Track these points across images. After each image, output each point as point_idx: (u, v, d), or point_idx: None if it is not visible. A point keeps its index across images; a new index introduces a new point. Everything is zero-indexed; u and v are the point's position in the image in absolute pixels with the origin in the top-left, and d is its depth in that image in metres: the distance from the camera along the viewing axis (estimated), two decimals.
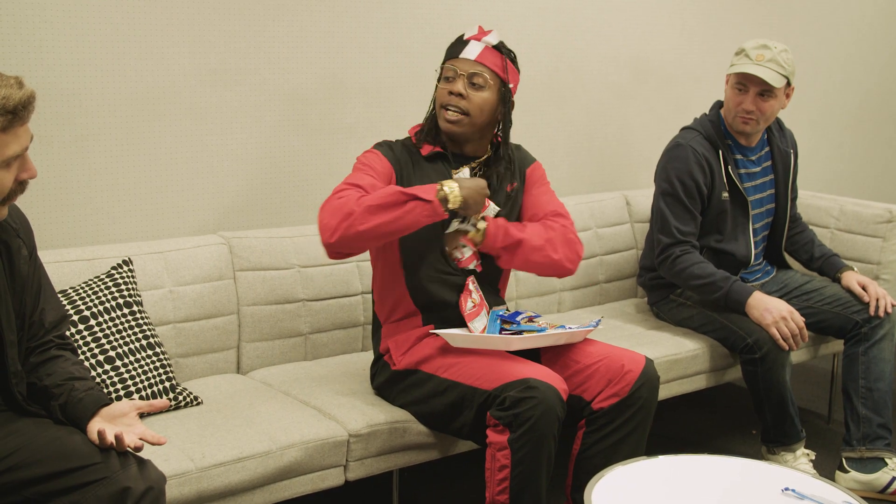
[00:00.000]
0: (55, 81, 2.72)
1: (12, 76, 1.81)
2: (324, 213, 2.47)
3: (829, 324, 3.32)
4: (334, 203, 2.45)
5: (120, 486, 1.88)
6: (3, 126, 1.77)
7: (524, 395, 2.35)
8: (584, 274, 3.67)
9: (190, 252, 2.85)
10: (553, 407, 2.35)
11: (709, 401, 3.88)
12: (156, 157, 2.94)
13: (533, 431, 2.34)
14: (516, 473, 2.37)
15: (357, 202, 2.42)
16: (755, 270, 3.42)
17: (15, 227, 2.01)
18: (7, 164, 1.81)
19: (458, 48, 2.63)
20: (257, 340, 2.94)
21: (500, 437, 2.38)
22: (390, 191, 2.44)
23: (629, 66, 4.05)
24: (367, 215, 2.40)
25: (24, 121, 1.82)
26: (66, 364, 2.06)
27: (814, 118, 4.81)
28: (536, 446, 2.36)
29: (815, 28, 4.74)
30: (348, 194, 2.46)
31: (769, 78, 3.15)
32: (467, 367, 2.50)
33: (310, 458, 2.46)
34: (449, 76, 2.62)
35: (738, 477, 2.22)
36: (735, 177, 3.28)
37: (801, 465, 3.13)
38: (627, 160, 4.13)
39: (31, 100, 1.81)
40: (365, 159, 2.64)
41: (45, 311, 2.09)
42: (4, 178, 1.82)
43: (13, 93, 1.78)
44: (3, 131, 1.78)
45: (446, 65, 2.64)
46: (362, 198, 2.43)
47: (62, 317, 2.14)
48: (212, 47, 2.98)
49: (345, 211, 2.41)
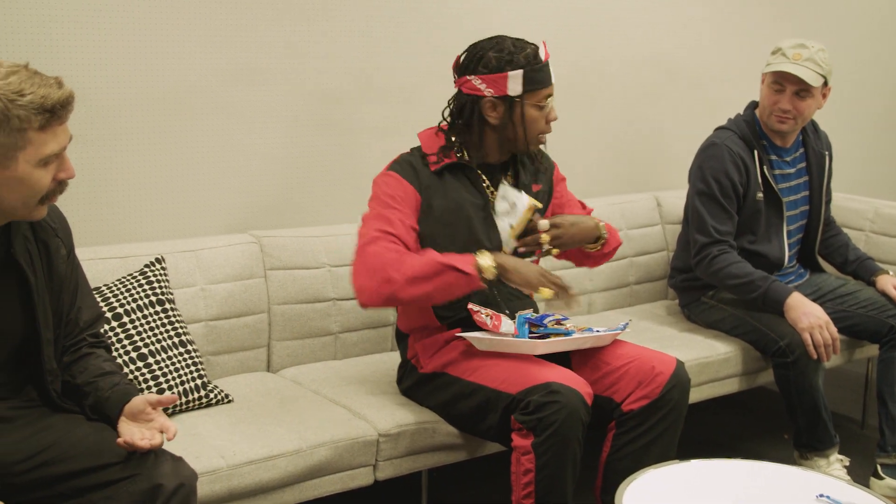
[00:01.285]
0: (88, 80, 2.74)
1: (52, 76, 1.82)
2: (359, 273, 2.42)
3: (863, 328, 3.28)
4: (370, 262, 2.40)
5: (152, 483, 1.89)
6: (41, 124, 1.77)
7: (547, 400, 2.33)
8: (615, 275, 3.65)
9: (221, 251, 2.87)
10: (577, 411, 2.34)
11: (740, 404, 3.84)
12: (188, 155, 2.96)
13: (557, 436, 2.33)
14: (541, 478, 2.36)
15: (397, 268, 2.36)
16: (788, 273, 3.39)
17: (54, 227, 2.03)
18: (45, 162, 1.81)
19: (547, 73, 2.53)
20: (287, 339, 2.94)
21: (525, 440, 2.37)
22: (429, 261, 2.38)
23: (660, 65, 4.03)
24: (409, 286, 2.37)
25: (63, 120, 1.82)
26: (98, 361, 2.08)
27: (849, 119, 4.76)
28: (561, 450, 2.34)
29: (850, 28, 4.69)
30: (383, 251, 2.40)
31: (806, 77, 3.12)
32: (492, 370, 2.49)
33: (339, 457, 2.46)
34: (543, 105, 2.54)
35: (771, 482, 2.19)
36: (770, 178, 3.25)
37: (834, 470, 3.10)
38: (658, 161, 4.10)
39: (69, 100, 1.81)
40: (388, 189, 2.53)
41: (81, 310, 2.10)
42: (42, 178, 1.82)
43: (52, 92, 1.78)
44: (42, 130, 1.78)
45: (544, 91, 2.52)
46: (401, 262, 2.37)
47: (97, 315, 2.16)
48: (245, 46, 2.99)
49: (383, 276, 2.37)
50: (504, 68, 2.48)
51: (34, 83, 1.77)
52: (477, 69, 2.51)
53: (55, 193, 1.88)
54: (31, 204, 1.85)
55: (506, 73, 2.48)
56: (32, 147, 1.78)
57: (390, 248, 2.41)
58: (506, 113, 2.52)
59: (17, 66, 1.79)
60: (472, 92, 2.53)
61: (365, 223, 2.50)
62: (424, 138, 2.64)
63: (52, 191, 1.86)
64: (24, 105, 1.74)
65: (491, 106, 2.52)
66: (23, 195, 1.82)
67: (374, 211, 2.50)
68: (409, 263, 2.38)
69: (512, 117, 2.52)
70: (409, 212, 2.51)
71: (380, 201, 2.52)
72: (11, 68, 1.78)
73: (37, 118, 1.76)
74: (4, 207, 1.84)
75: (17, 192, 1.82)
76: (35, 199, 1.85)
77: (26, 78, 1.77)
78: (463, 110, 2.57)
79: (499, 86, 2.50)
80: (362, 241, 2.45)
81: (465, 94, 2.55)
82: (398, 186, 2.53)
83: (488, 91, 2.51)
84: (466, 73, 2.54)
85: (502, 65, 2.48)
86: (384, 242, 2.42)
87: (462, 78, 2.55)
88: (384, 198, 2.51)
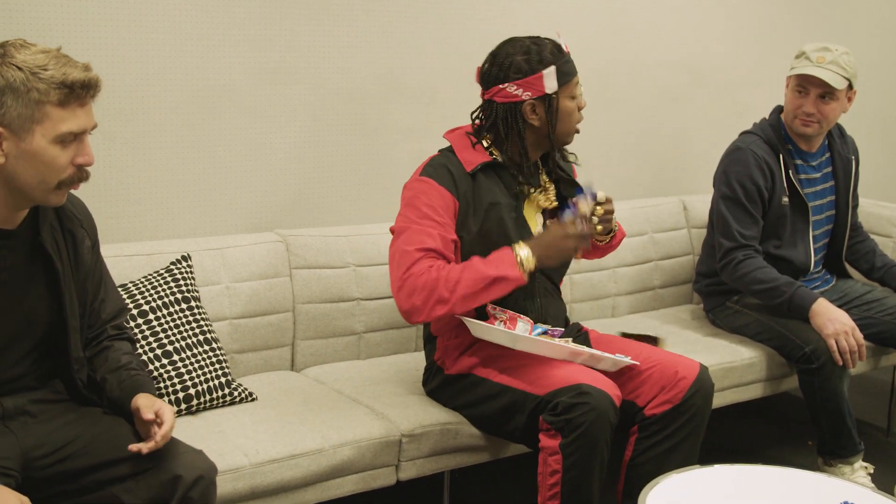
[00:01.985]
0: (118, 78, 2.76)
1: (82, 62, 1.85)
2: (409, 294, 2.38)
3: (889, 335, 3.26)
4: (418, 283, 2.36)
5: (171, 475, 1.91)
6: (59, 100, 1.79)
7: (577, 401, 2.33)
8: (639, 279, 3.64)
9: (247, 249, 2.88)
10: (606, 413, 2.33)
11: (764, 410, 3.82)
12: (215, 154, 2.97)
13: (585, 437, 2.32)
14: (568, 479, 2.36)
15: (449, 287, 2.35)
16: (814, 279, 3.36)
17: (79, 218, 2.05)
18: (61, 140, 1.82)
19: (572, 62, 2.54)
20: (312, 338, 2.95)
21: (552, 441, 2.36)
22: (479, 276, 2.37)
23: (686, 69, 4.01)
24: (463, 303, 2.37)
25: (83, 102, 1.84)
26: (116, 354, 2.10)
27: (877, 124, 4.72)
28: (589, 452, 2.34)
29: (877, 32, 4.65)
30: (429, 270, 2.37)
31: (830, 79, 3.11)
32: (520, 371, 2.48)
33: (362, 456, 2.47)
34: (575, 95, 2.55)
35: (795, 488, 2.18)
36: (795, 182, 3.23)
37: (858, 478, 3.08)
38: (684, 165, 4.09)
39: (91, 83, 1.83)
40: (425, 198, 2.47)
41: (104, 302, 2.12)
42: (59, 157, 1.82)
43: (75, 72, 1.81)
44: (60, 106, 1.80)
45: (574, 80, 2.54)
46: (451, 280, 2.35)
47: (120, 308, 2.18)
48: (271, 46, 3.01)
49: (436, 297, 2.35)
50: (536, 69, 2.48)
51: (60, 62, 1.81)
52: (509, 76, 2.49)
53: (75, 180, 1.88)
54: (48, 185, 1.84)
55: (540, 73, 2.48)
56: (50, 122, 1.80)
57: (436, 267, 2.39)
58: (546, 111, 2.51)
59: (48, 48, 1.84)
60: (508, 99, 2.51)
61: (403, 236, 2.44)
62: (454, 139, 2.61)
63: (70, 177, 1.86)
64: (45, 79, 1.78)
65: (531, 108, 2.51)
66: (38, 172, 1.82)
67: (411, 222, 2.45)
68: (459, 281, 2.36)
69: (552, 113, 2.51)
70: (448, 221, 2.47)
71: (417, 211, 2.46)
72: (43, 48, 1.83)
73: (55, 92, 1.78)
74: (20, 185, 1.84)
75: (32, 168, 1.82)
76: (52, 181, 1.84)
77: (53, 57, 1.81)
78: (501, 119, 2.53)
79: (536, 87, 2.49)
80: (406, 262, 2.40)
81: (500, 103, 2.52)
82: (436, 195, 2.48)
83: (526, 95, 2.50)
84: (498, 83, 2.51)
85: (534, 66, 2.48)
86: (427, 261, 2.39)
87: (494, 88, 2.52)
88: (422, 207, 2.45)
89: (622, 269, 3.56)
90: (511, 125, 2.53)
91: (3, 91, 1.78)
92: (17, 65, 1.78)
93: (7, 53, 1.80)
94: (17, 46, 1.81)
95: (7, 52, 1.80)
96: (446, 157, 2.57)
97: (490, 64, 2.54)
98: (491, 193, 2.54)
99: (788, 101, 3.25)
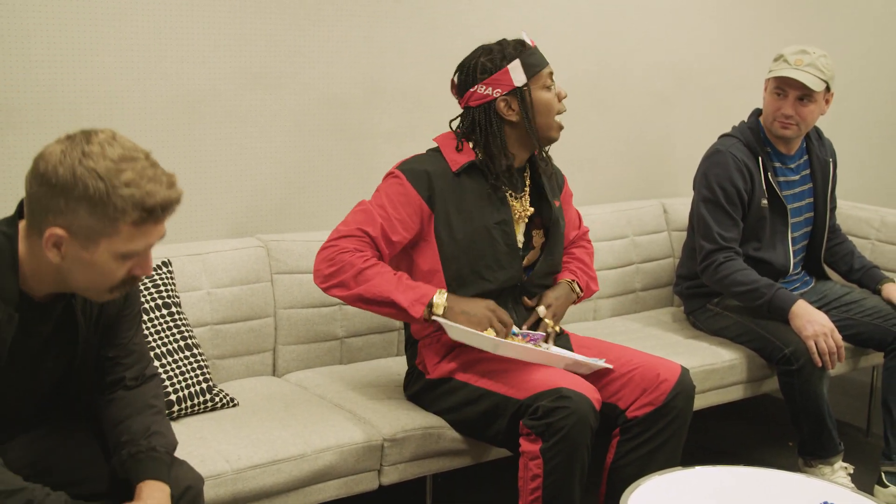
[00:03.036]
0: (98, 84, 2.76)
1: (167, 173, 1.73)
2: (321, 257, 2.49)
3: (868, 336, 3.28)
4: (336, 256, 2.45)
5: None
6: (135, 221, 1.68)
7: (557, 405, 2.33)
8: (621, 282, 3.65)
9: (228, 254, 2.87)
10: (586, 417, 2.34)
11: (745, 412, 3.84)
12: (196, 159, 2.97)
13: (565, 441, 2.33)
14: (549, 483, 2.36)
15: (354, 277, 2.43)
16: (793, 280, 3.39)
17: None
18: (125, 257, 1.73)
19: (539, 54, 2.58)
20: (293, 343, 2.95)
21: (533, 446, 2.37)
22: (380, 290, 2.42)
23: (670, 73, 4.03)
24: (355, 301, 2.47)
25: (160, 221, 1.73)
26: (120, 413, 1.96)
27: (857, 127, 4.76)
28: (569, 456, 2.34)
29: (858, 34, 4.69)
30: (352, 251, 2.45)
31: (808, 82, 3.13)
32: (500, 375, 2.49)
33: (344, 461, 2.47)
34: (550, 85, 2.59)
35: (775, 489, 2.19)
36: (774, 184, 3.25)
37: (838, 478, 3.09)
38: (666, 168, 4.10)
39: (173, 203, 1.72)
40: (390, 189, 2.54)
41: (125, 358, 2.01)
42: (116, 270, 1.74)
43: (159, 191, 1.69)
44: (134, 225, 1.69)
45: (545, 72, 2.57)
46: (361, 276, 2.43)
47: (140, 372, 2.03)
48: (252, 51, 3.00)
49: (339, 278, 2.45)
50: (500, 65, 2.54)
51: (145, 177, 1.68)
52: (476, 78, 2.56)
53: (126, 286, 1.80)
54: (99, 289, 1.78)
55: (505, 69, 2.54)
56: (119, 239, 1.69)
57: (362, 255, 2.46)
58: (520, 105, 2.55)
59: (136, 153, 1.71)
60: (481, 101, 2.56)
61: (354, 211, 2.55)
62: (442, 140, 2.65)
63: (123, 283, 1.78)
64: (126, 197, 1.66)
65: (505, 105, 2.55)
66: (92, 280, 1.75)
67: (368, 205, 2.54)
68: (368, 280, 2.43)
69: (527, 106, 2.54)
70: (401, 220, 2.52)
71: (378, 198, 2.55)
72: (130, 152, 1.70)
73: (133, 213, 1.67)
74: (71, 282, 1.77)
75: (86, 275, 1.74)
76: (104, 287, 1.77)
77: (140, 169, 1.68)
78: (478, 123, 2.57)
79: (503, 82, 2.54)
80: (342, 230, 2.50)
81: (474, 106, 2.57)
82: (401, 192, 2.54)
83: (496, 92, 2.54)
84: (468, 87, 2.57)
85: (497, 63, 2.54)
86: (358, 243, 2.47)
87: (466, 94, 2.58)
88: (383, 197, 2.54)
89: (603, 271, 3.57)
90: (488, 126, 2.56)
91: (79, 199, 1.65)
92: (100, 173, 1.64)
93: (89, 154, 1.65)
94: (102, 144, 1.67)
95: (89, 151, 1.66)
96: (431, 156, 2.61)
97: (459, 72, 2.61)
98: (475, 196, 2.56)
99: (767, 104, 3.27)
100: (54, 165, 1.66)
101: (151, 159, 1.73)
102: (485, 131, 2.57)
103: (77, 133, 1.70)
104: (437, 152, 2.62)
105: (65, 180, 1.65)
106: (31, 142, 2.67)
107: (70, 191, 1.65)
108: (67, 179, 1.65)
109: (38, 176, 1.68)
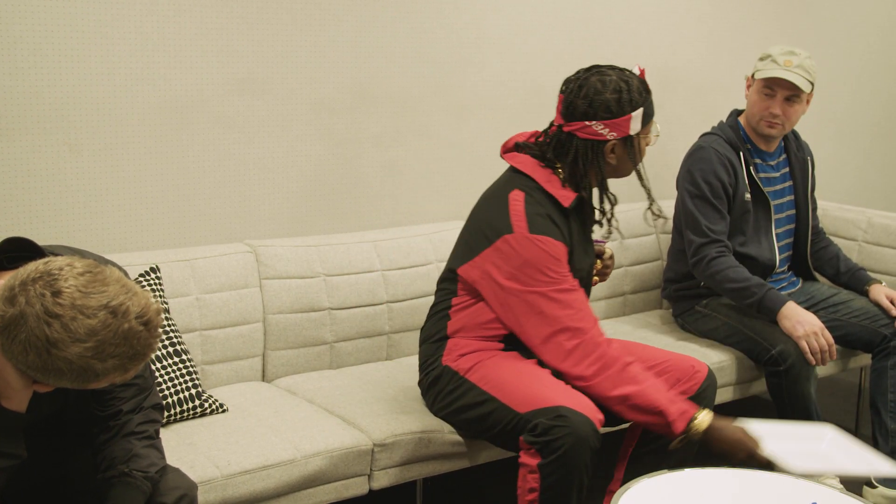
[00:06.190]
0: (85, 89, 2.75)
1: (150, 333, 1.64)
2: (579, 354, 2.43)
3: (856, 337, 3.30)
4: (598, 351, 2.42)
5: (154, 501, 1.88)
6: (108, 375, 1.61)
7: (555, 424, 2.31)
8: (610, 285, 3.66)
9: (216, 260, 2.87)
10: (585, 438, 2.31)
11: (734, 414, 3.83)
12: (183, 165, 2.96)
13: (563, 459, 2.31)
14: (545, 498, 2.35)
15: (628, 379, 2.41)
16: (781, 279, 3.40)
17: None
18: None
19: (651, 101, 2.53)
20: (282, 349, 2.95)
21: (532, 460, 2.35)
22: (659, 405, 2.40)
23: (656, 75, 4.03)
24: (631, 412, 2.44)
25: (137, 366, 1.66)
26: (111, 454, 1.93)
27: (842, 128, 4.78)
28: (567, 475, 2.33)
29: (843, 37, 4.71)
30: (608, 345, 2.44)
31: (799, 83, 3.17)
32: (507, 384, 2.47)
33: (334, 466, 2.47)
34: (649, 133, 2.55)
35: (764, 490, 2.20)
36: (757, 179, 3.28)
37: (827, 479, 3.10)
38: (654, 170, 4.06)
39: (146, 358, 1.65)
40: (554, 265, 2.44)
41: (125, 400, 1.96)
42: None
43: (134, 357, 1.62)
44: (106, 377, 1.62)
45: (654, 121, 2.54)
46: (642, 386, 2.41)
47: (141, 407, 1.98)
48: (240, 57, 3.00)
49: (624, 391, 2.41)
50: (626, 111, 2.44)
51: (119, 337, 1.58)
52: (598, 114, 2.44)
53: None
54: None
55: (629, 116, 2.45)
56: (94, 383, 1.63)
57: (616, 347, 2.46)
58: (623, 151, 2.49)
59: (111, 319, 1.57)
60: (592, 137, 2.46)
61: (555, 301, 2.44)
62: (533, 170, 2.53)
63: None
64: (101, 371, 1.59)
65: (611, 148, 2.48)
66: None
67: (552, 297, 2.44)
68: (640, 385, 2.42)
69: (627, 154, 2.49)
70: (567, 275, 2.49)
71: (548, 277, 2.44)
72: (105, 320, 1.56)
73: (110, 375, 1.62)
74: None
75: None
76: None
77: (114, 341, 1.57)
78: (581, 156, 2.49)
79: (622, 128, 2.45)
80: (578, 322, 2.43)
81: (582, 139, 2.47)
82: (561, 255, 2.48)
83: (611, 135, 2.46)
84: (586, 119, 2.45)
85: (624, 107, 2.44)
86: (616, 344, 2.47)
87: (578, 123, 2.46)
88: (553, 275, 2.44)
89: None
90: (592, 162, 2.49)
91: (50, 373, 1.57)
92: (69, 356, 1.54)
93: (55, 343, 1.53)
94: (71, 303, 1.54)
95: (59, 322, 1.53)
96: (534, 196, 2.49)
97: (576, 97, 2.46)
98: (579, 236, 2.57)
99: (753, 104, 3.29)
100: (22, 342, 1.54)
101: (124, 307, 1.59)
102: (586, 165, 2.49)
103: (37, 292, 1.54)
104: (534, 187, 2.50)
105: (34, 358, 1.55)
106: (17, 148, 2.66)
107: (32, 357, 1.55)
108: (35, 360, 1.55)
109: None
